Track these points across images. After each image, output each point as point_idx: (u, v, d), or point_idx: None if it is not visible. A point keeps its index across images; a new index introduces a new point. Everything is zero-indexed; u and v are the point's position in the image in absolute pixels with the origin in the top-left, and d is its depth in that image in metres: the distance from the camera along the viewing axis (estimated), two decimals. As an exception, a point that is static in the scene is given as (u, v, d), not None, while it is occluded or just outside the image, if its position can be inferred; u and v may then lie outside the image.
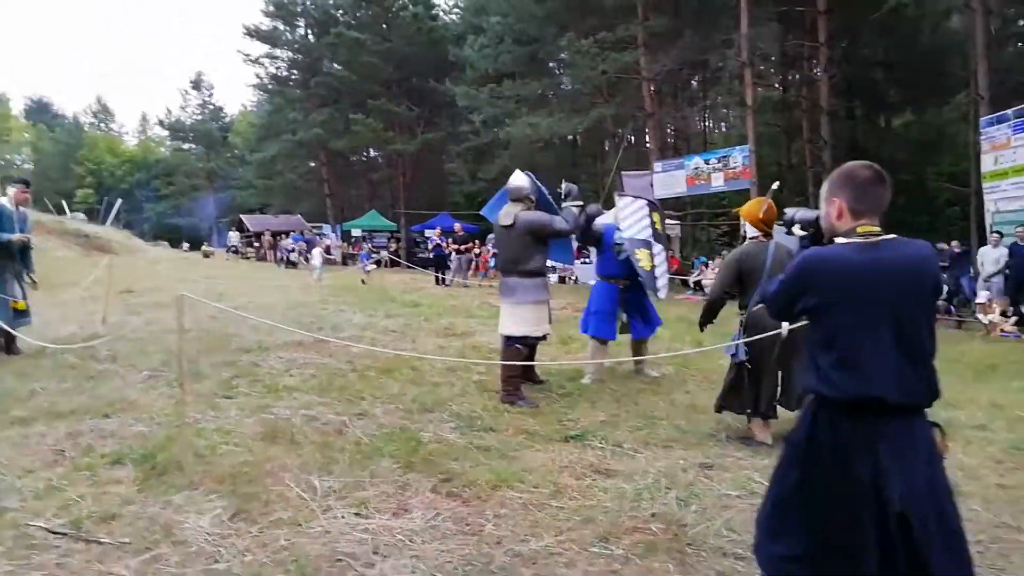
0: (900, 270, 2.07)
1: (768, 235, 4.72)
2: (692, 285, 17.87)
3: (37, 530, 3.04)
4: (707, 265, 18.21)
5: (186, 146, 61.71)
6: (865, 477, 2.01)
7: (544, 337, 6.03)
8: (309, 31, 34.49)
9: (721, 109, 34.33)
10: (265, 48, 34.35)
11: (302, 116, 31.97)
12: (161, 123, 58.63)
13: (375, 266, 19.15)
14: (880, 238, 2.11)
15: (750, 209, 4.88)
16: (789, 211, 3.05)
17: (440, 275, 18.60)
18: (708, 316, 5.04)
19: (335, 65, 34.35)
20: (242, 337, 8.12)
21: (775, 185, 4.92)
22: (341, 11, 32.90)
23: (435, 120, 32.02)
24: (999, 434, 5.23)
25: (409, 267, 19.90)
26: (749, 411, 4.78)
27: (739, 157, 17.03)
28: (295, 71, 35.40)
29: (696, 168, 18.11)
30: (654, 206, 6.51)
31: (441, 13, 34.53)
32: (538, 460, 4.22)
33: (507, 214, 5.72)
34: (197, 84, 58.67)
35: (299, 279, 20.13)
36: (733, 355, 4.76)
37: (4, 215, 6.65)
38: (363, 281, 18.38)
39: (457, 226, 19.36)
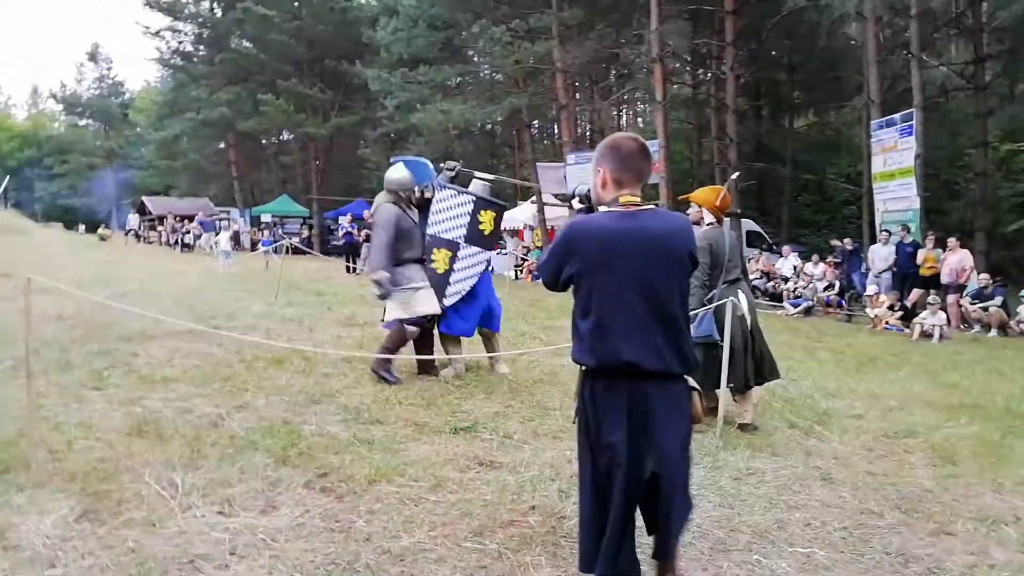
0: (653, 240, 2.11)
1: (720, 221, 5.00)
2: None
3: None
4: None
5: (82, 122, 58.01)
6: (632, 444, 2.09)
7: (426, 319, 5.93)
8: (215, 4, 32.94)
9: (638, 104, 35.06)
10: (167, 20, 32.60)
11: (206, 94, 30.52)
12: (54, 97, 54.82)
13: (273, 253, 18.43)
14: (639, 208, 2.15)
15: (706, 196, 5.08)
16: (573, 186, 3.16)
17: (350, 263, 18.17)
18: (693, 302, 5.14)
19: (244, 42, 33.00)
20: (125, 325, 7.65)
21: (735, 175, 5.68)
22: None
23: (349, 104, 31.18)
24: (873, 423, 5.51)
25: (309, 254, 19.27)
26: (731, 386, 4.88)
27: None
28: (200, 47, 33.75)
29: (608, 161, 18.34)
30: (488, 205, 5.92)
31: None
32: (422, 453, 4.12)
33: (375, 204, 5.87)
34: (94, 56, 55.06)
35: (198, 264, 19.28)
36: (704, 336, 4.78)
37: None
38: (267, 265, 17.76)
39: (366, 213, 18.91)
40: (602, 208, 2.24)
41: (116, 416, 4.40)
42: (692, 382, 2.27)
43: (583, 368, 2.22)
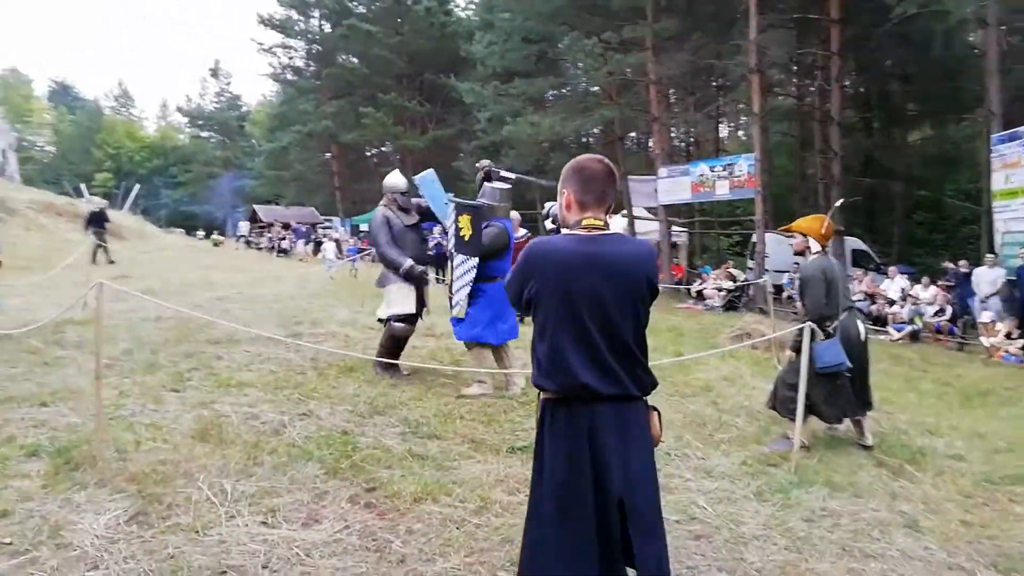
0: (611, 265, 2.09)
1: (825, 249, 5.02)
2: (694, 295, 17.60)
3: (-81, 526, 2.92)
4: (703, 276, 17.91)
5: (204, 134, 62.02)
6: (585, 466, 2.08)
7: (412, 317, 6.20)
8: (323, 22, 34.45)
9: (741, 117, 34.02)
10: (279, 38, 34.36)
11: (312, 108, 31.93)
12: (180, 110, 58.97)
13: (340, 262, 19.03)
14: (600, 233, 2.14)
15: (811, 225, 5.07)
16: (548, 205, 3.22)
17: (438, 275, 18.40)
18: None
19: (349, 57, 34.30)
20: (215, 328, 8.00)
21: (838, 202, 5.76)
22: (355, 2, 32.85)
23: (446, 117, 31.85)
24: (974, 466, 5.02)
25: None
26: (854, 415, 5.01)
27: (744, 165, 16.74)
28: (309, 62, 35.39)
29: (701, 175, 17.84)
30: (463, 209, 5.63)
31: (456, 9, 34.41)
32: (474, 472, 4.05)
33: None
34: (215, 72, 59.02)
35: (295, 269, 20.07)
36: (834, 365, 4.73)
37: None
38: (355, 274, 18.31)
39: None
40: (563, 231, 2.24)
41: (186, 419, 4.56)
42: (652, 403, 2.27)
43: (541, 393, 2.22)
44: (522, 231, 10.58)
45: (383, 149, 38.22)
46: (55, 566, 2.70)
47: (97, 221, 18.54)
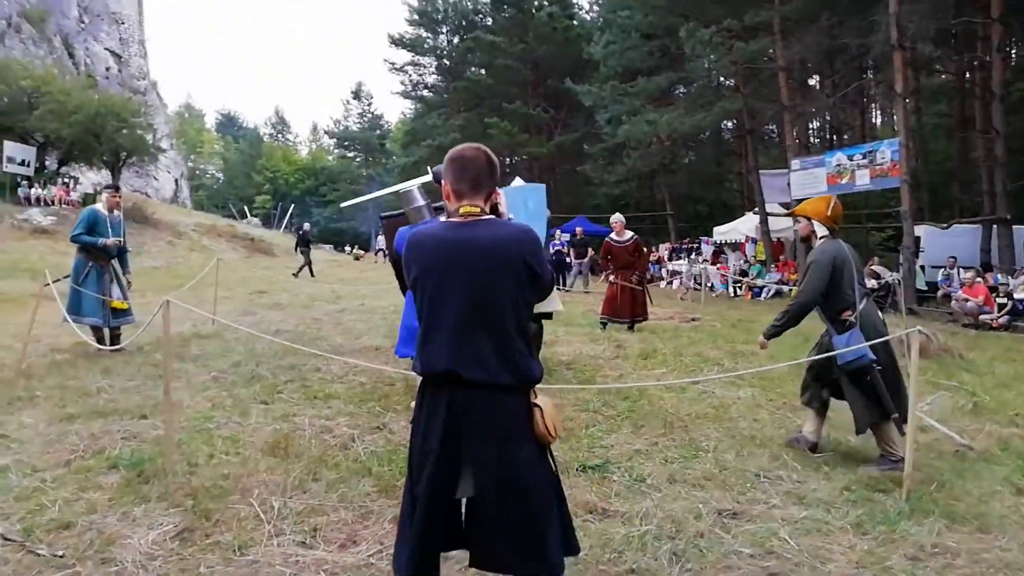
0: (485, 248, 2.06)
1: (834, 233, 4.59)
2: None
3: (-12, 535, 3.12)
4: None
5: (350, 154, 65.73)
6: (444, 455, 2.02)
7: None
8: (451, 37, 35.41)
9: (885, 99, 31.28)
10: (409, 56, 35.67)
11: (442, 122, 32.85)
12: (326, 132, 62.86)
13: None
14: (478, 218, 2.12)
15: (816, 207, 4.69)
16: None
17: (559, 285, 18.25)
18: (793, 323, 4.62)
19: (477, 70, 35.01)
20: (327, 340, 8.33)
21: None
22: (480, 15, 33.47)
23: (571, 122, 31.69)
24: None
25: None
26: (895, 416, 4.33)
27: (887, 152, 15.25)
28: (438, 77, 36.48)
29: (838, 165, 16.45)
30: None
31: (582, 12, 34.21)
32: (537, 492, 3.82)
33: None
34: (357, 94, 62.39)
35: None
36: (855, 359, 4.29)
37: (99, 220, 7.19)
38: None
39: (578, 230, 18.88)
40: (441, 218, 2.32)
41: (265, 432, 4.67)
42: (540, 400, 2.14)
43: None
44: (628, 233, 10.18)
45: (514, 160, 38.62)
46: (94, 581, 2.78)
47: (303, 242, 21.75)
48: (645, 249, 10.70)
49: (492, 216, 2.19)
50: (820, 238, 4.59)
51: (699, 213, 33.17)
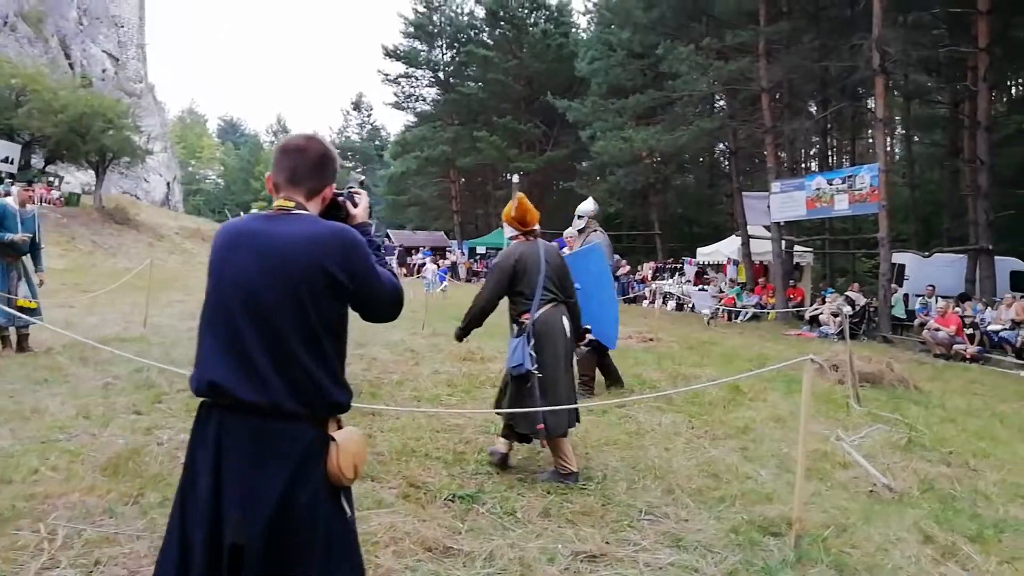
0: (274, 248, 1.72)
1: (529, 234, 4.37)
2: (808, 320, 15.89)
3: None
4: (824, 299, 16.13)
5: (349, 164, 65.71)
6: (204, 490, 1.64)
7: None
8: (445, 50, 35.32)
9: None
10: (402, 68, 35.56)
11: (431, 133, 32.66)
12: (324, 142, 62.73)
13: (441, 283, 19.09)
14: (288, 213, 1.80)
15: (506, 210, 4.57)
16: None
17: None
18: (476, 323, 4.44)
19: (469, 84, 34.87)
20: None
21: (515, 177, 4.70)
22: (476, 30, 33.38)
23: (562, 138, 31.46)
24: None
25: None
26: (541, 427, 4.08)
27: (867, 177, 14.91)
28: (431, 90, 36.41)
29: (818, 189, 16.12)
30: None
31: (578, 30, 34.06)
32: (383, 525, 3.44)
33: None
34: (358, 105, 62.39)
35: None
36: (517, 365, 4.12)
37: (8, 215, 6.85)
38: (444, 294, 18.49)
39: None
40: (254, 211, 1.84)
41: (116, 445, 4.30)
42: (341, 432, 1.76)
43: None
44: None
45: (504, 176, 38.44)
46: None
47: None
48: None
49: (306, 212, 1.82)
50: (509, 238, 4.52)
51: (693, 234, 32.84)
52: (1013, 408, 7.69)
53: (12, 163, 28.48)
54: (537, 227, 4.45)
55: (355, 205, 2.11)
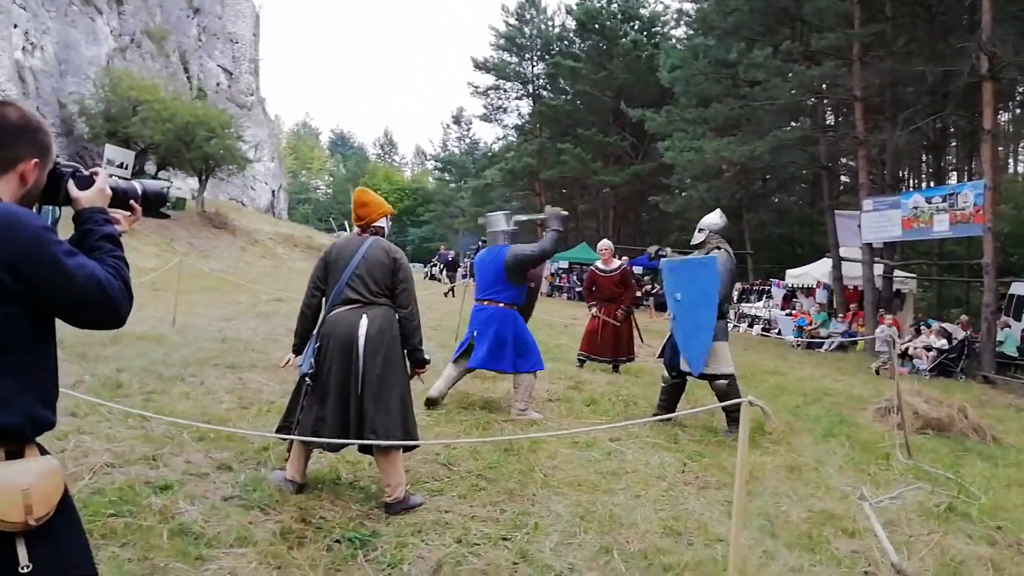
0: None
1: (365, 229, 3.97)
2: (899, 353, 14.26)
3: None
4: (919, 330, 14.47)
5: (447, 176, 66.83)
6: None
7: None
8: (536, 63, 35.07)
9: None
10: (492, 80, 35.59)
11: (517, 145, 32.40)
12: (423, 154, 64.14)
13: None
14: None
15: None
16: None
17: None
18: (300, 329, 3.96)
19: (564, 96, 34.47)
20: (247, 355, 7.75)
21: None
22: (565, 42, 32.94)
23: (651, 152, 30.43)
24: None
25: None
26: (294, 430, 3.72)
27: (971, 195, 13.23)
28: (522, 102, 36.26)
29: (915, 207, 14.48)
30: None
31: (674, 41, 32.97)
32: (222, 570, 2.95)
33: None
34: (458, 119, 63.31)
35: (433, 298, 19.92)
36: (300, 367, 3.81)
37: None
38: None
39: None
40: None
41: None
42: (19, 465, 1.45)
43: None
44: (616, 262, 9.15)
45: (598, 190, 37.65)
46: None
47: (450, 266, 25.20)
48: (634, 280, 9.59)
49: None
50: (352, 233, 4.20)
51: (795, 255, 30.93)
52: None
53: (127, 168, 30.45)
54: (381, 223, 3.99)
55: (85, 186, 1.69)
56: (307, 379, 3.73)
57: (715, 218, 6.26)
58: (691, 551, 3.55)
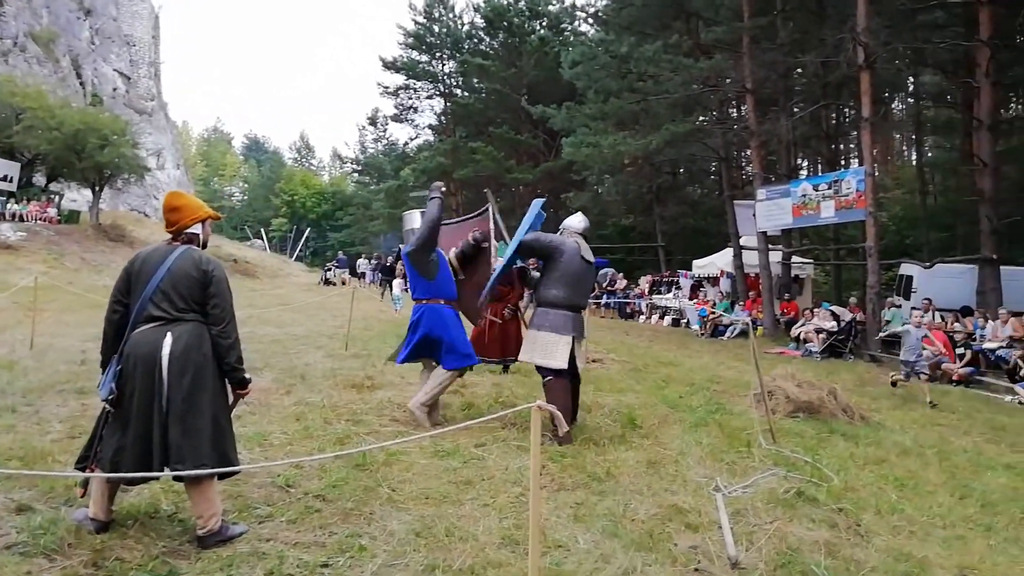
0: None
1: (177, 237, 3.57)
2: (794, 337, 14.75)
3: None
4: (812, 312, 14.98)
5: (366, 178, 65.54)
6: None
7: None
8: (446, 61, 34.76)
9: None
10: (402, 79, 35.07)
11: (429, 145, 32.03)
12: (339, 157, 62.78)
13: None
14: None
15: None
16: None
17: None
18: (104, 346, 3.54)
19: (473, 94, 34.24)
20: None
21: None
22: (474, 39, 32.78)
23: (562, 147, 30.59)
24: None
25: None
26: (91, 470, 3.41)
27: (853, 181, 13.76)
28: (433, 101, 35.89)
29: (804, 195, 14.97)
30: None
31: (583, 38, 33.21)
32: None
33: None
34: (373, 120, 62.06)
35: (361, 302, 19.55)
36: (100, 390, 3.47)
37: None
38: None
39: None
40: None
41: None
42: None
43: None
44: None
45: (510, 188, 37.53)
46: None
47: (386, 271, 23.98)
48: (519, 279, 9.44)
49: None
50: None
51: (707, 246, 31.66)
52: (971, 443, 6.60)
53: (11, 181, 28.67)
54: (196, 228, 3.60)
55: None
56: (107, 405, 3.41)
57: (575, 220, 6.33)
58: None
